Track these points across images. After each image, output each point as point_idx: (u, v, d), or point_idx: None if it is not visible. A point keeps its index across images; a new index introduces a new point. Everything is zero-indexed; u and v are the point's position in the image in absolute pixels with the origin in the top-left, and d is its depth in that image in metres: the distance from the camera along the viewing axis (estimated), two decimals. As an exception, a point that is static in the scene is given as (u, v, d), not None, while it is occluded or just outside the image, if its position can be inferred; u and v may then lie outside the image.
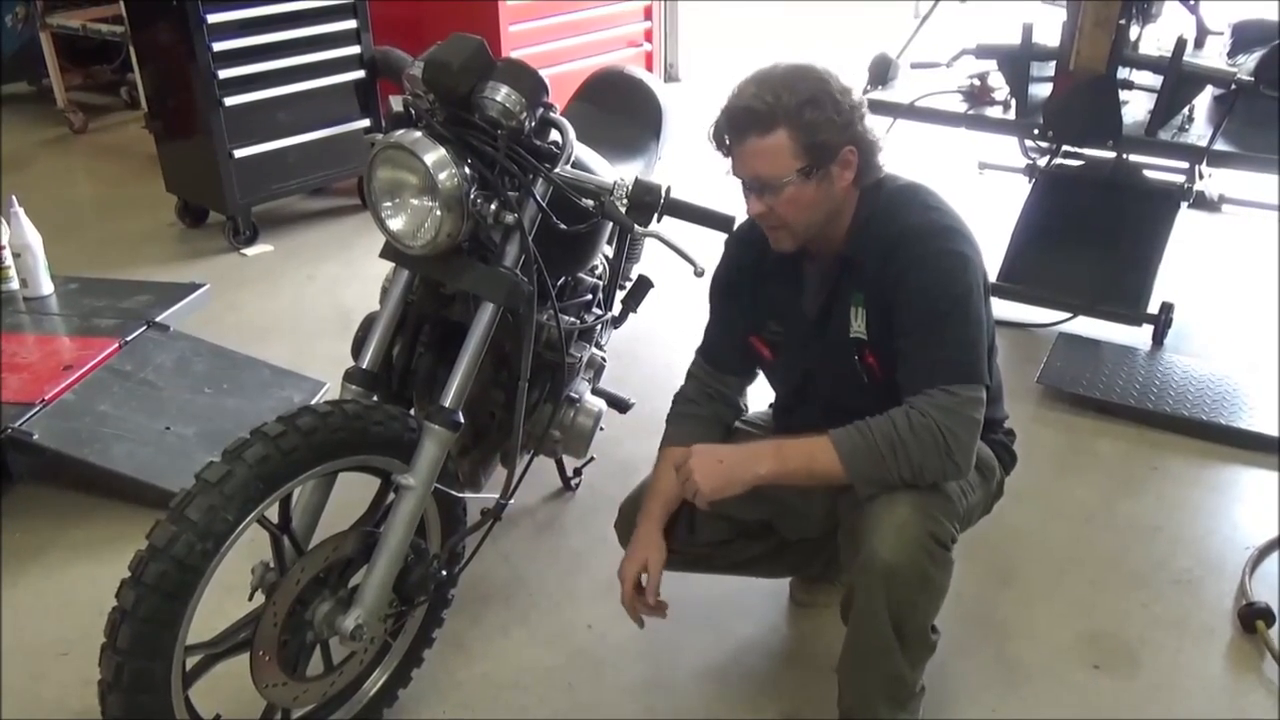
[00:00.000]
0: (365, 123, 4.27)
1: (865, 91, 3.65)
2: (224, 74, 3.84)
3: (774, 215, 1.74)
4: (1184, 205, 3.51)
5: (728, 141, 1.73)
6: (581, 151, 1.96)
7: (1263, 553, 2.46)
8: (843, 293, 1.80)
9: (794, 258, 1.85)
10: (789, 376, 1.98)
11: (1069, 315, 3.44)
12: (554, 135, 1.87)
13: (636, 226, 1.76)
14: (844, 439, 1.69)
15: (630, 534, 2.01)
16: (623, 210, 1.75)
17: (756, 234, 1.84)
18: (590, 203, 1.78)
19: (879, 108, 3.47)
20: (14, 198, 3.18)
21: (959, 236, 1.74)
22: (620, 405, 2.57)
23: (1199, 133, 3.31)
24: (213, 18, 3.76)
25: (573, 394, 2.36)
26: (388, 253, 1.86)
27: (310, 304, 3.75)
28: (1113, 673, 2.16)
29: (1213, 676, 2.16)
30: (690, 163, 3.49)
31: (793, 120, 1.65)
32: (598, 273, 2.51)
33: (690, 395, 2.03)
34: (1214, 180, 4.28)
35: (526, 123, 1.78)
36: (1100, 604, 2.35)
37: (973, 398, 1.68)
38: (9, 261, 3.13)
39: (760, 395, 2.09)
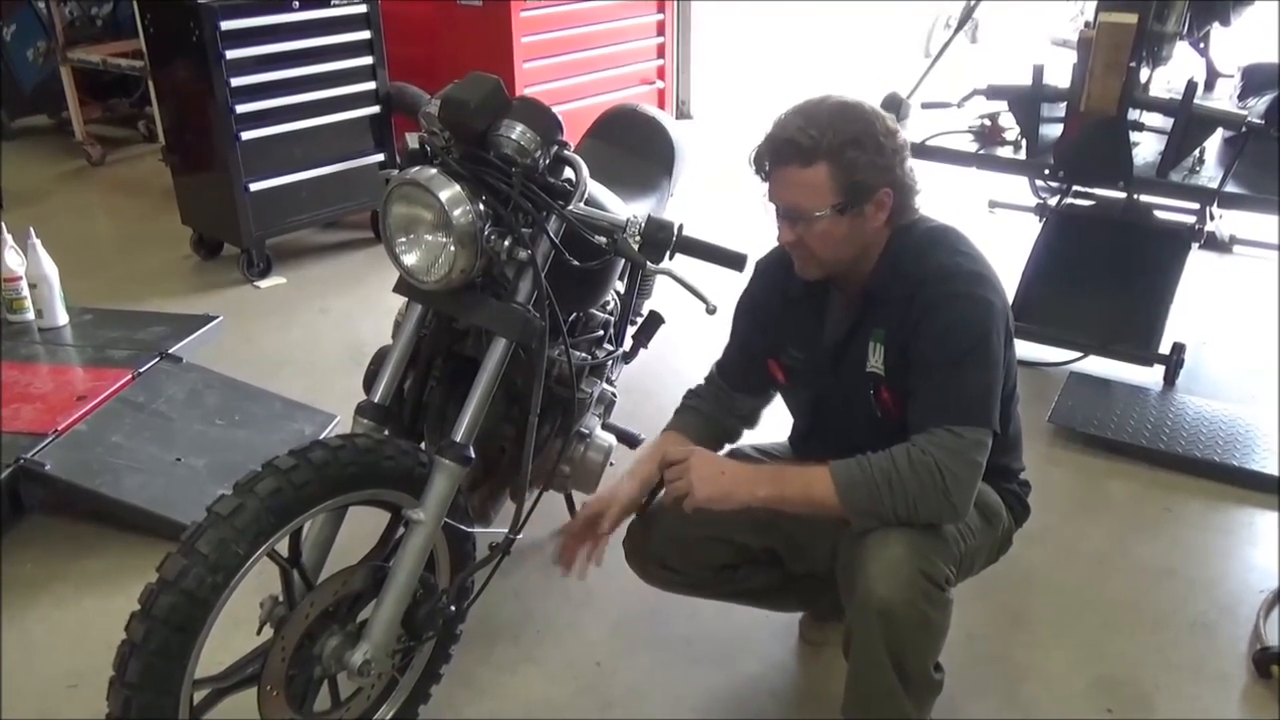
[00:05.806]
0: (379, 157, 4.30)
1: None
2: (241, 109, 3.88)
3: (803, 246, 1.76)
4: (1195, 246, 3.51)
5: (767, 166, 1.75)
6: (595, 189, 1.97)
7: (1277, 597, 2.44)
8: (864, 327, 1.81)
9: (822, 287, 1.87)
10: (802, 404, 1.99)
11: (1080, 355, 3.44)
12: (568, 173, 1.88)
13: (649, 263, 1.77)
14: (842, 470, 1.69)
15: (639, 557, 2.04)
16: (635, 247, 1.76)
17: (788, 258, 1.86)
18: (603, 240, 1.79)
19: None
20: (31, 229, 3.21)
21: (983, 282, 1.75)
22: (630, 440, 2.57)
23: (1210, 174, 3.32)
24: (231, 54, 3.81)
25: (583, 429, 2.36)
26: (401, 287, 1.86)
27: (323, 337, 3.76)
28: (1126, 717, 2.13)
29: (1228, 722, 2.13)
30: (703, 200, 3.54)
31: (834, 157, 1.68)
32: (609, 309, 2.52)
33: (699, 392, 2.08)
34: (1225, 221, 4.29)
35: (541, 160, 1.79)
36: (1113, 647, 2.33)
37: (978, 440, 1.67)
38: (25, 292, 3.16)
39: (779, 425, 2.08)
